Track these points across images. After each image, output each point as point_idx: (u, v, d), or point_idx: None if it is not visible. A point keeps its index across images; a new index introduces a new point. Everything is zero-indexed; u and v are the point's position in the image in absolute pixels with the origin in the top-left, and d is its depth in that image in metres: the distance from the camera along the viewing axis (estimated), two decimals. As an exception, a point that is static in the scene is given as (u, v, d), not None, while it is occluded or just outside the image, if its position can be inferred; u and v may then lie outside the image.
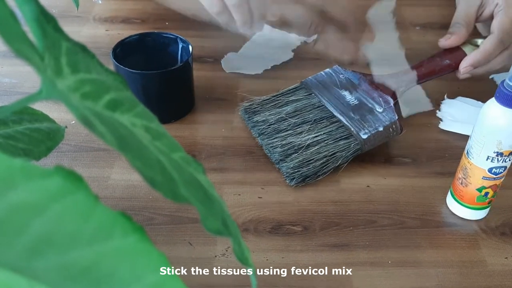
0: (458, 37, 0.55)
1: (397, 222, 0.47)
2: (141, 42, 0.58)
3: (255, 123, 0.54)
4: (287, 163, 0.50)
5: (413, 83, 0.56)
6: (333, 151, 0.50)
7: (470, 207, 0.46)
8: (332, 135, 0.52)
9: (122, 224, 0.18)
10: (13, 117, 0.35)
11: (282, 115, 0.54)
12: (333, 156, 0.50)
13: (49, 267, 0.17)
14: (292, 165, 0.49)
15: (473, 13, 0.56)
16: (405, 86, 0.55)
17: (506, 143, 0.41)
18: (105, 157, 0.53)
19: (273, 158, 0.51)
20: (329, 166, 0.50)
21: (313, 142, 0.51)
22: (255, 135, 0.54)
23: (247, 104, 0.56)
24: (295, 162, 0.50)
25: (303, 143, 0.51)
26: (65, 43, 0.23)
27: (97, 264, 0.17)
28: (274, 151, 0.51)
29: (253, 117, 0.55)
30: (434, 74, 0.56)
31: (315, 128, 0.52)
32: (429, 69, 0.56)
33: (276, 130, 0.53)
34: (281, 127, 0.53)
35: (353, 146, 0.51)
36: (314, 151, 0.50)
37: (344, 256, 0.44)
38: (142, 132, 0.24)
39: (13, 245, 0.17)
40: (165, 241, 0.45)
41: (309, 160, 0.50)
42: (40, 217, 0.17)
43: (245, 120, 0.56)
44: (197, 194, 0.23)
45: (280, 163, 0.50)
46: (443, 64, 0.56)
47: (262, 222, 0.47)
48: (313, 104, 0.54)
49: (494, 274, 0.43)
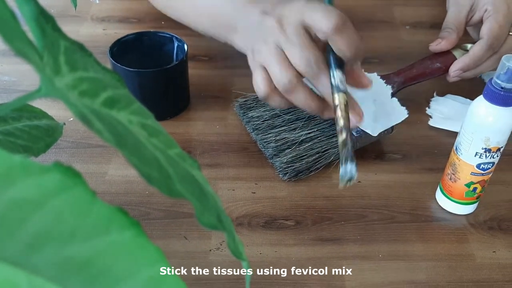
0: (448, 42, 0.56)
1: (387, 216, 0.48)
2: (137, 41, 0.58)
3: (250, 119, 0.55)
4: (281, 158, 0.51)
5: (403, 85, 0.56)
6: (325, 148, 0.51)
7: (459, 202, 0.47)
8: (325, 132, 0.53)
9: (119, 219, 0.18)
10: (12, 115, 0.35)
11: (276, 111, 0.54)
12: (325, 153, 0.51)
13: (47, 261, 0.17)
14: (286, 160, 0.50)
15: (463, 18, 0.57)
16: (396, 87, 0.56)
17: (493, 140, 0.42)
18: (102, 154, 0.53)
19: (267, 153, 0.52)
20: (321, 162, 0.51)
21: (307, 138, 0.52)
22: (249, 130, 0.54)
23: (242, 100, 0.57)
24: (289, 157, 0.50)
25: (296, 139, 0.52)
26: (63, 42, 0.24)
27: (94, 258, 0.18)
28: (268, 146, 0.52)
29: (247, 113, 0.55)
30: (424, 76, 0.57)
31: (308, 124, 0.53)
32: (420, 71, 0.57)
33: (270, 126, 0.53)
34: (275, 123, 0.54)
35: None
36: (307, 147, 0.51)
37: (336, 250, 0.45)
38: (139, 129, 0.24)
39: (12, 240, 0.17)
40: (161, 235, 0.46)
41: (302, 155, 0.51)
42: (39, 213, 0.17)
43: (240, 116, 0.56)
44: (192, 189, 0.23)
45: (274, 158, 0.51)
46: (434, 67, 0.57)
47: (255, 217, 0.47)
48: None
49: (482, 267, 0.44)
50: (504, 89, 0.40)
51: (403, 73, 0.57)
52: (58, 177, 0.18)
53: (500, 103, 0.40)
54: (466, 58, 0.55)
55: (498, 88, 0.40)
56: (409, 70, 0.57)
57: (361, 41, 0.43)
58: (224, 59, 0.67)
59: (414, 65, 0.57)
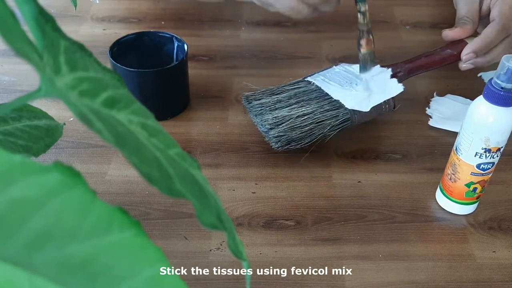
0: (463, 30, 0.54)
1: (387, 216, 0.48)
2: (137, 41, 0.58)
3: (253, 106, 0.54)
4: (275, 130, 0.50)
5: (413, 72, 0.55)
6: (321, 119, 0.51)
7: (458, 202, 0.47)
8: (323, 107, 0.52)
9: (119, 219, 0.19)
10: (12, 115, 0.35)
11: (279, 98, 0.54)
12: (320, 123, 0.51)
13: (48, 261, 0.17)
14: (279, 131, 0.50)
15: (476, 9, 0.55)
16: (403, 73, 0.55)
17: (493, 140, 0.42)
18: (103, 153, 0.53)
19: (263, 129, 0.52)
20: (315, 133, 0.50)
21: (304, 113, 0.52)
22: (251, 116, 0.54)
23: (249, 93, 0.57)
24: (283, 129, 0.50)
25: (293, 114, 0.51)
26: (63, 42, 0.24)
27: (95, 258, 0.18)
28: (264, 123, 0.51)
29: (252, 102, 0.55)
30: (434, 64, 0.55)
31: (308, 104, 0.53)
32: (430, 59, 0.55)
33: (272, 109, 0.53)
34: (276, 106, 0.53)
35: (342, 115, 0.51)
36: (302, 120, 0.51)
37: (335, 250, 0.45)
38: (139, 129, 0.24)
39: (13, 239, 0.17)
40: (161, 235, 0.46)
41: (296, 126, 0.50)
42: (39, 212, 0.17)
43: (245, 107, 0.56)
44: (193, 189, 0.23)
45: (269, 131, 0.51)
46: (444, 54, 0.55)
47: (255, 217, 0.47)
48: (311, 89, 0.55)
49: (482, 267, 0.44)
50: (504, 89, 0.40)
51: (411, 61, 0.56)
52: (58, 177, 0.18)
53: (500, 103, 0.40)
54: (478, 40, 0.53)
55: (498, 88, 0.40)
56: (418, 59, 0.56)
57: None
58: (224, 59, 0.67)
59: (423, 54, 0.56)
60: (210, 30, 0.72)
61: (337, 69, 0.58)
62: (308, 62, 0.65)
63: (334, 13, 0.76)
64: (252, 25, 0.73)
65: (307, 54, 0.68)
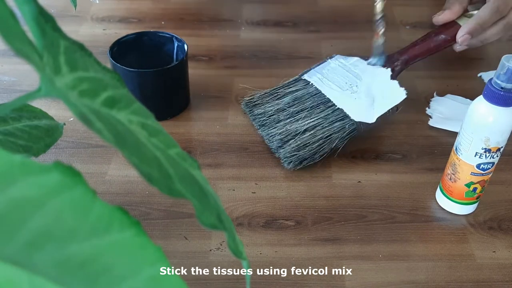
0: (452, 12, 0.54)
1: (387, 216, 0.48)
2: (137, 41, 0.58)
3: (256, 116, 0.55)
4: (285, 149, 0.51)
5: (410, 62, 0.55)
6: (328, 134, 0.51)
7: (458, 202, 0.47)
8: (328, 118, 0.53)
9: (120, 219, 0.19)
10: (12, 115, 0.35)
11: (281, 106, 0.55)
12: (328, 138, 0.51)
13: (48, 260, 0.17)
14: (289, 150, 0.51)
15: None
16: (400, 66, 0.55)
17: (493, 140, 0.42)
18: (103, 153, 0.53)
19: (272, 146, 0.52)
20: (325, 148, 0.51)
21: (310, 127, 0.52)
22: (256, 127, 0.55)
23: (248, 98, 0.57)
24: (292, 147, 0.51)
25: (300, 128, 0.52)
26: (63, 42, 0.24)
27: (95, 257, 0.18)
28: (273, 139, 0.52)
29: (254, 110, 0.56)
30: (430, 51, 0.55)
31: (312, 113, 0.53)
32: (425, 46, 0.55)
33: (276, 120, 0.54)
34: (280, 117, 0.54)
35: (348, 127, 0.52)
36: (310, 135, 0.51)
37: (335, 250, 0.45)
38: (139, 128, 0.24)
39: (13, 239, 0.17)
40: (161, 235, 0.46)
41: (305, 143, 0.51)
42: (40, 212, 0.17)
43: (247, 113, 0.57)
44: (193, 189, 0.23)
45: (278, 149, 0.51)
46: (439, 40, 0.55)
47: (255, 217, 0.47)
48: (310, 92, 0.55)
49: (482, 267, 0.44)
50: (504, 89, 0.40)
51: (407, 51, 0.56)
52: (59, 177, 0.18)
53: (500, 103, 0.40)
54: (472, 21, 0.52)
55: (498, 88, 0.40)
56: (412, 47, 0.55)
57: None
58: (224, 59, 0.67)
59: (417, 41, 0.56)
60: (210, 30, 0.72)
61: (332, 63, 0.58)
62: (308, 62, 0.65)
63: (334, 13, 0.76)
64: (252, 25, 0.73)
65: (307, 54, 0.68)
